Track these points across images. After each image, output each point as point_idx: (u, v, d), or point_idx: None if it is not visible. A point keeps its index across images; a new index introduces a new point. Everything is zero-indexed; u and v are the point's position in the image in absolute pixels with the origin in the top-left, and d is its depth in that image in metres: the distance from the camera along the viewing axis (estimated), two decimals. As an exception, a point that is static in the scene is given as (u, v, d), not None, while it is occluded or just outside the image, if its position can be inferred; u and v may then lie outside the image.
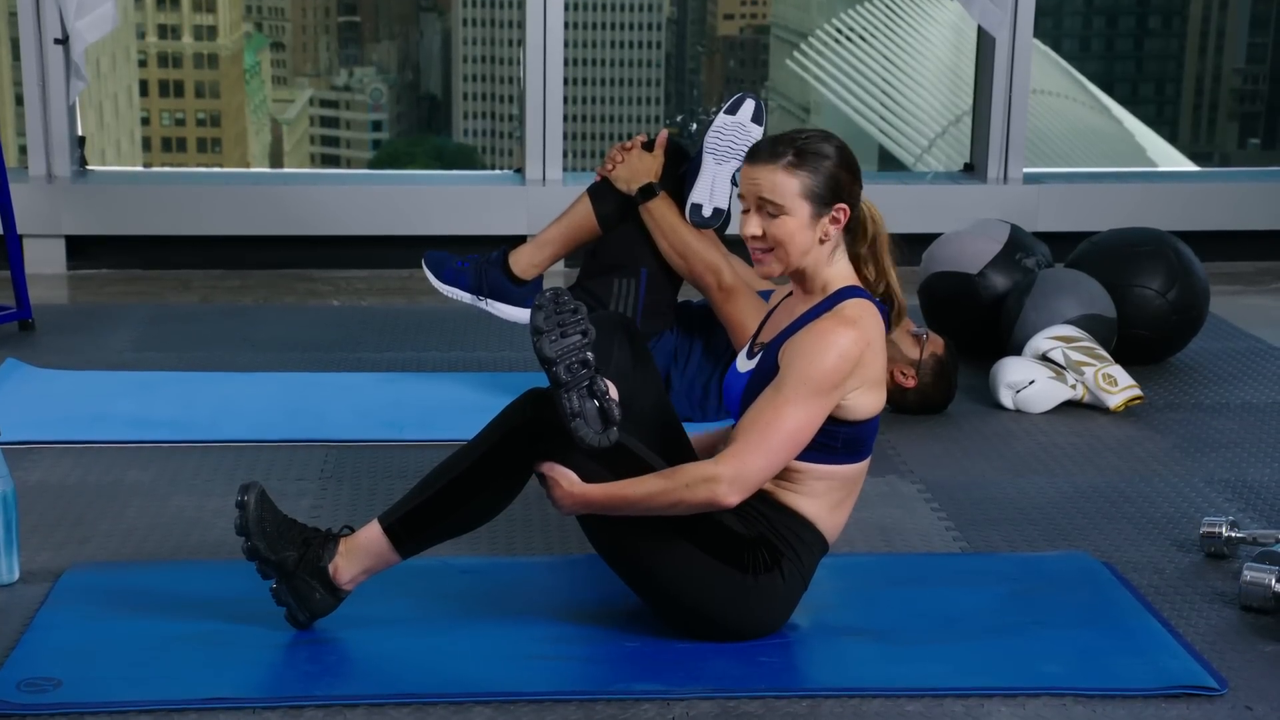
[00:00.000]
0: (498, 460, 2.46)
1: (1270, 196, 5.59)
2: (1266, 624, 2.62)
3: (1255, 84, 11.52)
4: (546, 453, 2.44)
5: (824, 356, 2.38)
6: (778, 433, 2.37)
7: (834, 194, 2.44)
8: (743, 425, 2.42)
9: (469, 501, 2.47)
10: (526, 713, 2.31)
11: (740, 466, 2.37)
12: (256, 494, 2.48)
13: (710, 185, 3.48)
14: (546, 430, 2.43)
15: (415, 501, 2.49)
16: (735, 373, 2.58)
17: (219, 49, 13.16)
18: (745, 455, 2.38)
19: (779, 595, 2.48)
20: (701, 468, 2.39)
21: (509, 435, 2.46)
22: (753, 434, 2.39)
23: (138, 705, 2.30)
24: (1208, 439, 3.61)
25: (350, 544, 2.50)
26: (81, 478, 3.24)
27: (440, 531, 2.50)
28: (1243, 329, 4.56)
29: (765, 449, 2.38)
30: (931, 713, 2.34)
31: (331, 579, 2.49)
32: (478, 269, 3.66)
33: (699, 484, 2.37)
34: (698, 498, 2.38)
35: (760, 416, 2.39)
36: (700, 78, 13.09)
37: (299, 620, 2.50)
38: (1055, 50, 11.42)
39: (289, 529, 2.50)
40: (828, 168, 2.44)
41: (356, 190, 5.37)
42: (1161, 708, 2.36)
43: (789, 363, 2.41)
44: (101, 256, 5.22)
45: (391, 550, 2.49)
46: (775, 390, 2.40)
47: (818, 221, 2.45)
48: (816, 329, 2.41)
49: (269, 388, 3.87)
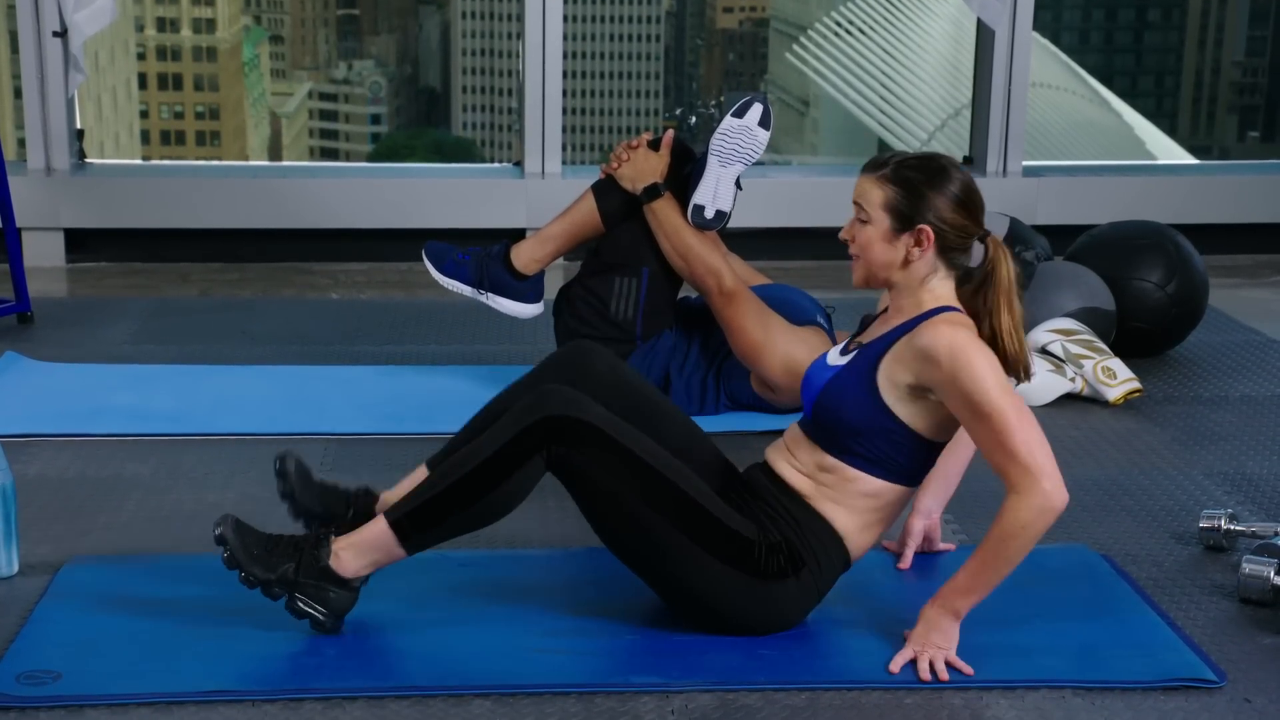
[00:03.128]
0: (512, 457, 2.43)
1: (1269, 189, 5.59)
2: (1265, 616, 2.63)
3: (1254, 77, 11.52)
4: (564, 454, 2.42)
5: (974, 362, 2.36)
6: (1012, 430, 2.33)
7: (917, 213, 2.44)
8: (992, 456, 2.36)
9: (479, 499, 2.45)
10: (526, 705, 2.32)
11: (1037, 471, 2.33)
12: (231, 525, 2.46)
13: (714, 187, 3.48)
14: (566, 424, 2.41)
15: (424, 497, 2.47)
16: (823, 364, 2.56)
17: (218, 42, 13.15)
18: (1027, 466, 2.33)
19: (792, 601, 2.48)
20: (1019, 507, 2.33)
21: (526, 432, 2.42)
22: (1006, 451, 2.34)
23: (137, 698, 2.30)
24: (1207, 432, 3.62)
25: (355, 538, 2.49)
26: (81, 471, 3.25)
27: (447, 529, 2.48)
28: (1242, 322, 4.56)
29: (1025, 446, 2.33)
30: (930, 705, 2.34)
31: (337, 574, 2.48)
32: (479, 262, 3.65)
33: (1034, 515, 2.33)
34: (1045, 522, 2.34)
35: (993, 438, 2.35)
36: (699, 71, 13.09)
37: (325, 625, 2.47)
38: (1054, 43, 11.41)
39: (276, 545, 2.47)
40: (920, 188, 2.44)
41: (355, 183, 5.36)
42: (1160, 700, 2.36)
43: (956, 393, 2.36)
44: (100, 249, 5.22)
45: (397, 545, 2.47)
46: (974, 415, 2.35)
47: (898, 238, 2.46)
48: (938, 347, 2.37)
49: (268, 381, 3.87)
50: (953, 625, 2.41)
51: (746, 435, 3.53)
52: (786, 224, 5.36)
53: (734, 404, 3.62)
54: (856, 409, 2.45)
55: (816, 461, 2.50)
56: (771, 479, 2.55)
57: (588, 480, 2.45)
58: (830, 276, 5.15)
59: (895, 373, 2.43)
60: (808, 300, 3.71)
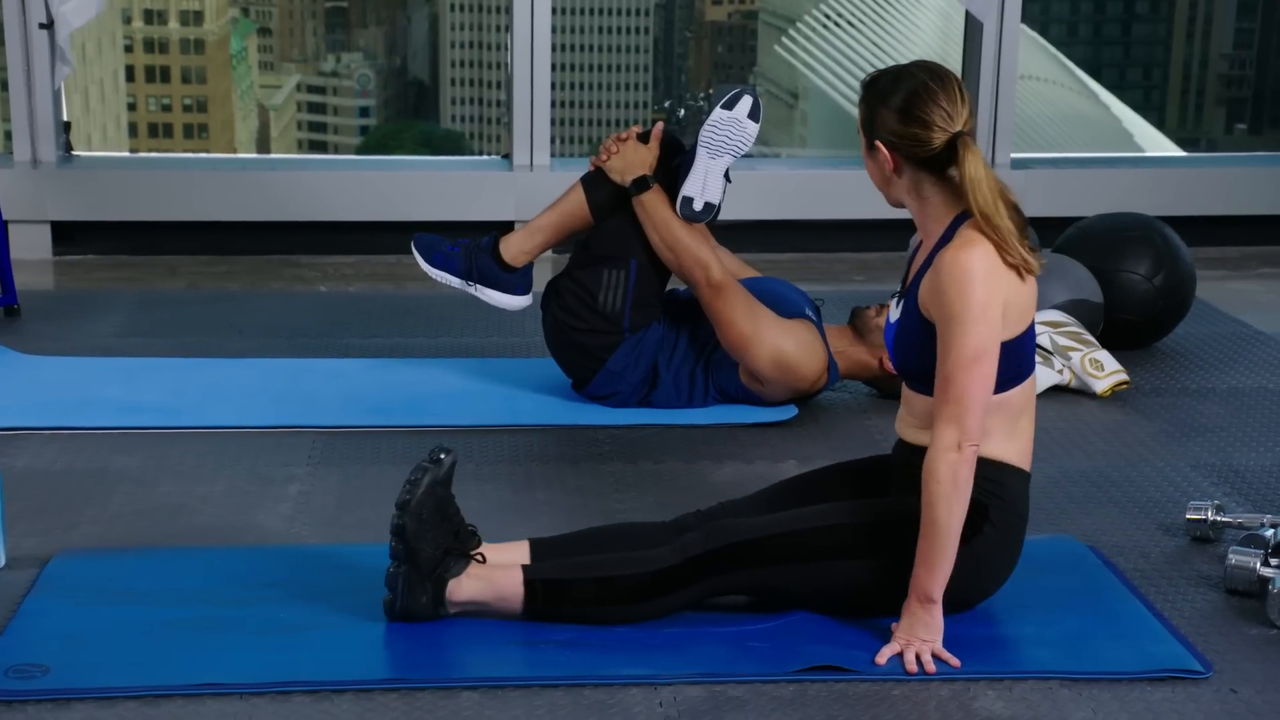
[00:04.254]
0: (665, 583, 2.48)
1: (1257, 181, 5.60)
2: (1251, 607, 2.63)
3: (1242, 69, 11.53)
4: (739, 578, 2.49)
5: (969, 285, 2.36)
6: (960, 370, 2.35)
7: (872, 131, 2.47)
8: (936, 390, 2.40)
9: (621, 609, 2.49)
10: (514, 698, 2.32)
11: (956, 425, 2.35)
12: (434, 476, 2.44)
13: (703, 179, 3.47)
14: (712, 559, 2.48)
15: (567, 574, 2.50)
16: (889, 322, 2.60)
17: (205, 34, 13.11)
18: (952, 416, 2.36)
19: (1000, 543, 2.49)
20: (932, 461, 2.37)
21: (684, 566, 2.48)
22: (941, 391, 2.37)
23: (126, 691, 2.29)
24: (1194, 423, 3.62)
25: (485, 573, 2.49)
26: (68, 464, 3.24)
27: (576, 615, 2.50)
28: (1229, 314, 4.57)
29: (960, 395, 2.35)
30: (918, 697, 2.34)
31: (446, 595, 2.48)
32: (467, 254, 3.65)
33: (946, 469, 2.35)
34: (960, 475, 2.35)
35: (941, 374, 2.38)
36: (688, 63, 13.07)
37: (394, 610, 2.48)
38: (1042, 35, 11.41)
39: (441, 524, 2.46)
40: (873, 105, 2.48)
41: (344, 176, 5.35)
42: (1147, 691, 2.37)
43: (940, 311, 2.39)
44: (88, 242, 5.21)
45: (520, 605, 2.49)
46: (942, 342, 2.38)
47: (874, 155, 2.50)
48: (943, 268, 2.39)
49: (256, 374, 3.86)
50: (933, 614, 2.41)
51: (734, 428, 3.54)
52: (775, 216, 5.36)
53: (722, 396, 3.62)
54: (927, 352, 2.46)
55: (927, 408, 2.50)
56: (904, 447, 2.58)
57: (784, 594, 2.52)
58: (819, 269, 5.15)
59: (925, 307, 2.45)
60: (796, 293, 3.71)
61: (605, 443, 3.44)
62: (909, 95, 2.45)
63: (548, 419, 3.56)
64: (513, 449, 3.38)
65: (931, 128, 2.43)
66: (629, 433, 3.49)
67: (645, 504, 3.07)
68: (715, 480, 3.22)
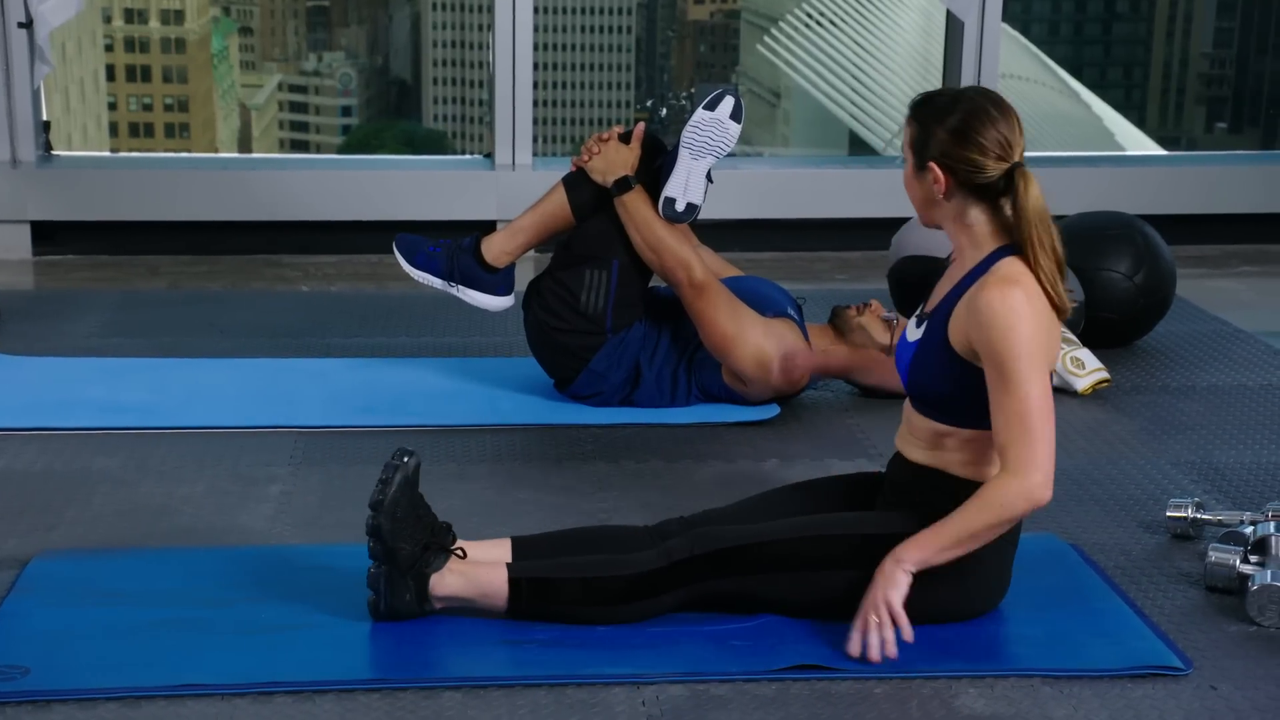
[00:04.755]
0: (650, 586, 2.49)
1: (1237, 180, 5.62)
2: (1231, 604, 2.64)
3: (1222, 68, 11.58)
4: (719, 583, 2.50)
5: (1014, 330, 2.36)
6: (1032, 415, 2.36)
7: (926, 150, 2.45)
8: (1001, 431, 2.39)
9: (604, 610, 2.49)
10: (497, 697, 2.32)
11: (1037, 465, 2.37)
12: (405, 474, 2.44)
13: (685, 180, 3.48)
14: (700, 564, 2.49)
15: (552, 573, 2.50)
16: (904, 342, 2.58)
17: (186, 34, 13.08)
18: (1031, 454, 2.37)
19: (990, 564, 2.49)
20: (1006, 487, 2.38)
21: (670, 570, 2.48)
22: (1016, 433, 2.38)
23: (106, 692, 2.29)
24: (1174, 421, 3.64)
25: (467, 569, 2.49)
26: (48, 464, 3.23)
27: (559, 615, 2.50)
28: (1209, 312, 4.59)
29: (1037, 436, 2.37)
30: (900, 695, 2.35)
31: (429, 590, 2.48)
32: (449, 254, 3.65)
33: (1016, 500, 2.39)
34: (1020, 510, 2.40)
35: (1008, 415, 2.38)
36: (671, 62, 13.08)
37: (379, 610, 2.48)
38: (1024, 35, 11.44)
39: (416, 521, 2.46)
40: (928, 124, 2.45)
41: (326, 175, 5.34)
42: (1128, 688, 2.37)
43: (990, 354, 2.38)
44: (68, 242, 5.19)
45: (504, 603, 2.49)
46: (1002, 384, 2.38)
47: (922, 176, 2.47)
48: (985, 307, 2.38)
49: (238, 374, 3.85)
50: (901, 576, 2.42)
51: (717, 427, 3.54)
52: (758, 215, 5.36)
53: (705, 396, 3.63)
54: (946, 378, 2.46)
55: (934, 431, 2.51)
56: (905, 465, 2.57)
57: (767, 603, 2.52)
58: (800, 268, 5.16)
59: (960, 337, 2.44)
60: (779, 292, 3.72)
61: (587, 442, 3.44)
62: (967, 116, 2.43)
63: (530, 418, 3.56)
64: (495, 448, 3.38)
65: (988, 153, 2.41)
66: (611, 432, 3.50)
67: (628, 503, 3.07)
68: (698, 479, 3.22)
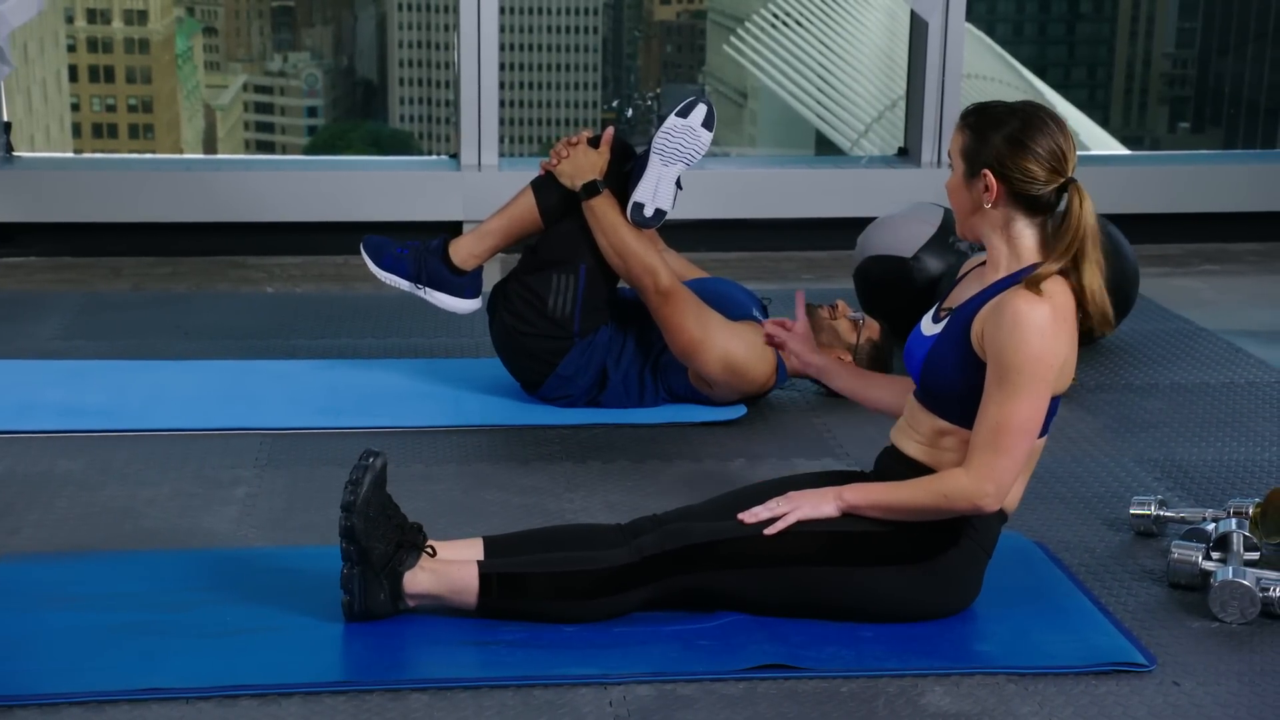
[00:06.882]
0: (621, 582, 2.49)
1: (1199, 179, 5.67)
2: (1194, 601, 2.66)
3: (1184, 69, 11.66)
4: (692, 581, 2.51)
5: (1027, 342, 2.37)
6: (1011, 432, 2.39)
7: (980, 158, 2.44)
8: (977, 430, 2.42)
9: (575, 605, 2.49)
10: (463, 699, 2.31)
11: (994, 477, 2.41)
12: (374, 474, 2.43)
13: (655, 186, 3.48)
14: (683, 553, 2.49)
15: (522, 568, 2.49)
16: (919, 335, 2.57)
17: (150, 34, 13.00)
18: (994, 464, 2.40)
19: (962, 569, 2.51)
20: (959, 482, 2.42)
21: (641, 565, 2.49)
22: (989, 439, 2.40)
23: (69, 697, 2.27)
24: (1137, 419, 3.66)
25: (439, 565, 2.49)
26: (10, 468, 3.20)
27: (529, 611, 2.50)
28: (1172, 310, 4.62)
29: (1006, 451, 2.40)
30: (866, 693, 2.36)
31: (402, 588, 2.48)
32: (417, 256, 3.64)
33: (960, 498, 2.42)
34: (959, 508, 2.44)
35: (988, 420, 2.40)
36: (637, 63, 13.09)
37: (353, 612, 2.47)
38: (988, 35, 11.50)
39: (386, 521, 2.46)
40: (985, 132, 2.44)
41: (291, 176, 5.32)
42: (1092, 684, 2.39)
43: (996, 355, 2.39)
44: (30, 244, 5.15)
45: (474, 599, 2.49)
46: (997, 388, 2.39)
47: (971, 184, 2.47)
48: (1010, 310, 2.38)
49: (202, 376, 3.83)
50: (829, 506, 2.48)
51: (683, 427, 3.54)
52: (724, 215, 5.37)
53: (671, 397, 3.63)
54: (959, 375, 2.46)
55: (935, 428, 2.52)
56: (899, 459, 2.57)
57: (738, 600, 2.53)
58: (766, 268, 5.17)
59: (980, 336, 2.45)
60: (744, 294, 3.72)
61: (554, 443, 3.44)
62: (1024, 126, 2.43)
63: (496, 419, 3.55)
64: (461, 449, 3.37)
65: (1043, 163, 2.42)
66: (578, 432, 3.49)
67: (595, 503, 3.07)
68: (665, 479, 3.22)
